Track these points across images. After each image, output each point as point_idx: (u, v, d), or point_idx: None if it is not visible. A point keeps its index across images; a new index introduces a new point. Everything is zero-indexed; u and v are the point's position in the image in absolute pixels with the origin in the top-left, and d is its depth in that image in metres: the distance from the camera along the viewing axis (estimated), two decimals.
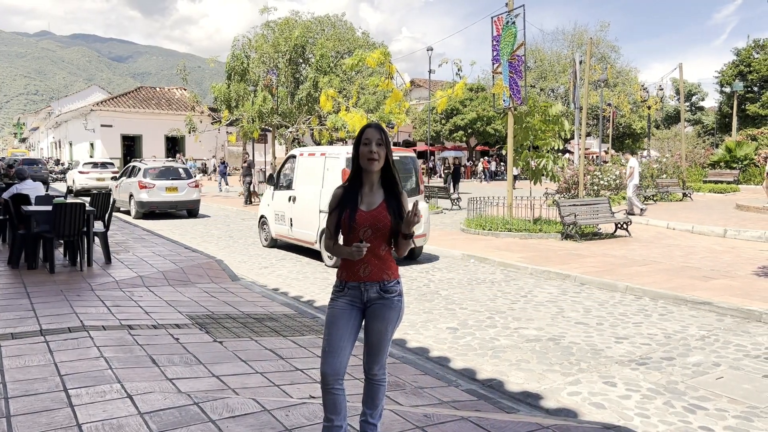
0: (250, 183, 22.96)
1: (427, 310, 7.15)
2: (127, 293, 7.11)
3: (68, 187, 25.80)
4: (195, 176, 20.35)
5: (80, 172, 25.09)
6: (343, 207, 2.88)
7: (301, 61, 28.81)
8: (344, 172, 9.96)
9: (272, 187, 12.07)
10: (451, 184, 26.51)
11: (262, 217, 12.50)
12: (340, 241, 2.97)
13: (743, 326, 6.46)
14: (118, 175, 20.98)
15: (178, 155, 36.55)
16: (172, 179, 18.00)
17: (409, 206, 2.84)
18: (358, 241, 2.81)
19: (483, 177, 40.88)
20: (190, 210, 18.37)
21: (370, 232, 2.85)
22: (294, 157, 11.56)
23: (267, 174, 24.35)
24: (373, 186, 2.90)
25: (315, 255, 10.86)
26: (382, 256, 2.90)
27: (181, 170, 18.85)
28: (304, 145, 37.94)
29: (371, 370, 2.98)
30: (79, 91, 62.78)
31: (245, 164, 23.80)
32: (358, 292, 2.90)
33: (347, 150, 10.25)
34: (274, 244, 12.25)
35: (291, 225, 11.26)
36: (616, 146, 46.83)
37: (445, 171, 30.67)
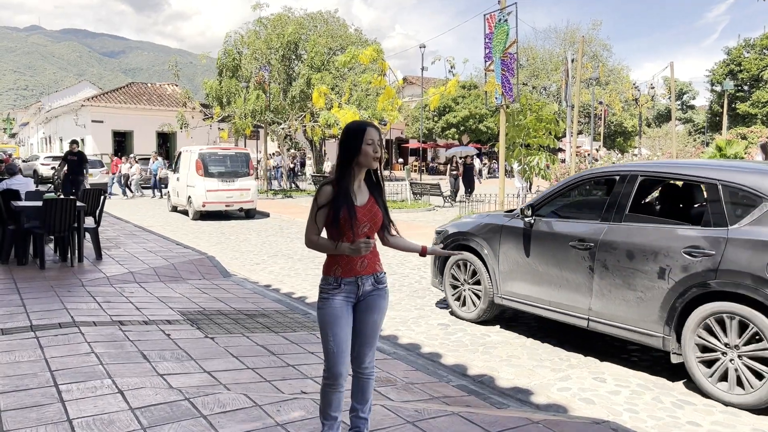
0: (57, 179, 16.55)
1: (419, 306, 7.17)
2: (118, 289, 7.09)
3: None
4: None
5: (42, 164, 30.10)
6: (339, 203, 2.82)
7: (293, 57, 28.70)
8: (197, 163, 16.24)
9: (173, 172, 18.59)
10: (459, 186, 22.58)
11: (168, 192, 19.50)
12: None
13: None
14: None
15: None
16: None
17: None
18: (367, 237, 2.85)
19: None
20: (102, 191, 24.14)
21: (368, 226, 2.88)
22: (181, 153, 17.99)
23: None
24: (360, 182, 2.92)
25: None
26: (373, 249, 2.93)
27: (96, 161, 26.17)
28: (297, 142, 37.95)
29: (363, 362, 2.98)
30: (70, 87, 62.16)
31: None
32: (355, 287, 2.90)
33: (200, 148, 17.18)
34: (175, 209, 18.51)
35: (177, 195, 17.82)
36: (608, 144, 47.05)
37: (453, 172, 23.32)
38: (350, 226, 2.81)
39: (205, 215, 16.69)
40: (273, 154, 31.56)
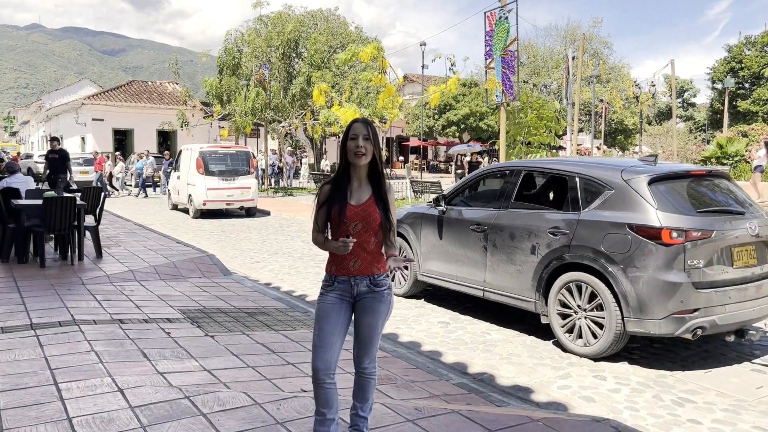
0: None
1: (419, 304, 7.17)
2: (119, 287, 7.09)
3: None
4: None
5: (37, 162, 30.46)
6: (333, 202, 2.88)
7: (294, 55, 28.67)
8: (197, 161, 16.33)
9: (174, 170, 18.76)
10: None
11: (169, 191, 19.39)
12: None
13: None
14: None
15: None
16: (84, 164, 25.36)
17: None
18: (346, 236, 2.81)
19: None
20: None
21: (360, 226, 2.86)
22: (182, 151, 18.15)
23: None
24: (361, 181, 2.91)
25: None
26: (372, 251, 2.91)
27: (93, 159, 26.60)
28: (297, 140, 37.93)
29: (362, 363, 2.99)
30: (70, 85, 62.09)
31: None
32: (348, 286, 2.91)
33: (200, 146, 17.26)
34: (175, 207, 18.58)
35: (178, 194, 17.99)
36: (609, 142, 47.02)
37: (458, 171, 23.82)
38: (338, 224, 2.86)
39: (205, 213, 16.81)
40: (273, 151, 31.49)
